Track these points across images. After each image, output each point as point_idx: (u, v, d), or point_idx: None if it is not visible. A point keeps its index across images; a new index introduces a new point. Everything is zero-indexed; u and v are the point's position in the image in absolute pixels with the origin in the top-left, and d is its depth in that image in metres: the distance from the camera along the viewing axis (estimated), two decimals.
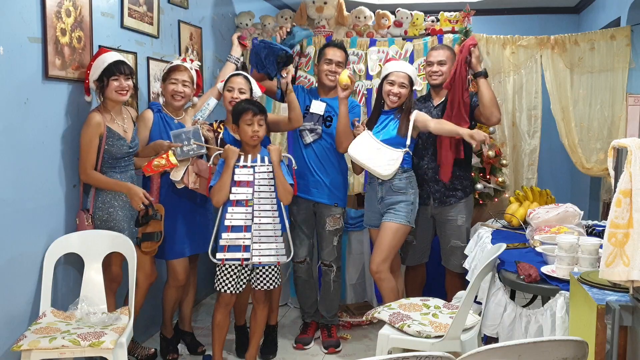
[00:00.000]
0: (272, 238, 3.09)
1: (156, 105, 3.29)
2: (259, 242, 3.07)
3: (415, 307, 2.84)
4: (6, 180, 2.54)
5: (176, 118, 3.30)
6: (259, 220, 3.07)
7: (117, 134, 2.92)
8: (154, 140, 3.18)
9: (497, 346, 1.51)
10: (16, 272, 2.62)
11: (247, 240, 3.06)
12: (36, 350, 2.41)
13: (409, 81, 3.36)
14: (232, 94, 3.27)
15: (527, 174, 4.46)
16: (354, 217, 4.10)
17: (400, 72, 3.35)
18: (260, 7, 5.23)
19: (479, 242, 3.19)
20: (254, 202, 3.06)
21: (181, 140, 3.11)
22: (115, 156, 2.92)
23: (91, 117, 2.87)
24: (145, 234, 3.04)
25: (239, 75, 3.33)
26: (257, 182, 3.08)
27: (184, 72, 3.24)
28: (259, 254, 3.07)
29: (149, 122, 3.22)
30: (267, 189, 3.09)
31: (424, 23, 4.38)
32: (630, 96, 4.05)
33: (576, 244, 2.31)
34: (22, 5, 2.59)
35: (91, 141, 2.85)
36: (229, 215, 3.05)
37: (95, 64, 2.88)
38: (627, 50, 4.23)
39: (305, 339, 3.68)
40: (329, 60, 3.52)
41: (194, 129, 3.14)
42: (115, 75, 2.87)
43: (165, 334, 3.48)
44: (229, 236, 3.05)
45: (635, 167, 1.62)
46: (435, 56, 3.52)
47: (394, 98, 3.34)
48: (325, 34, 4.41)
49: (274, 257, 3.09)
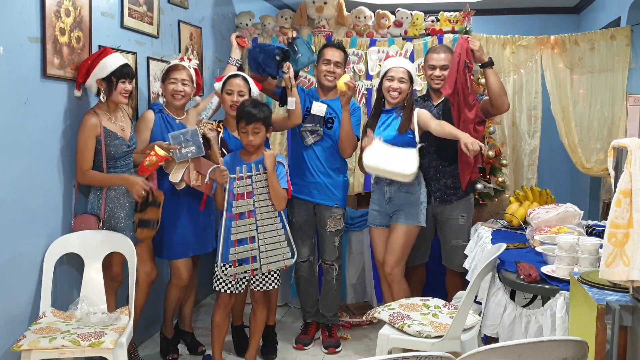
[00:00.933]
0: (277, 244, 3.10)
1: (158, 106, 3.29)
2: (266, 251, 3.08)
3: (415, 307, 2.84)
4: (6, 180, 2.54)
5: (178, 118, 3.30)
6: (263, 230, 3.08)
7: (114, 133, 2.91)
8: (155, 140, 3.17)
9: (497, 346, 1.51)
10: (16, 272, 2.62)
11: (254, 251, 3.06)
12: (36, 350, 2.41)
13: (408, 76, 3.32)
14: (231, 97, 3.27)
15: (527, 174, 4.46)
16: (354, 217, 4.10)
17: (399, 68, 3.32)
18: (260, 7, 5.23)
19: (479, 242, 3.19)
20: (255, 212, 3.07)
21: (179, 142, 3.10)
22: (114, 156, 2.92)
23: (86, 120, 2.86)
24: (142, 220, 3.02)
25: (237, 76, 3.32)
26: (256, 192, 3.08)
27: (182, 71, 3.24)
28: (267, 261, 3.08)
29: (150, 123, 3.22)
30: (266, 197, 3.09)
31: (424, 23, 4.38)
32: (630, 96, 4.05)
33: (576, 244, 2.31)
34: (22, 5, 2.59)
35: (87, 143, 2.84)
36: (233, 230, 3.04)
37: (103, 63, 2.86)
38: (627, 50, 4.23)
39: (305, 339, 3.68)
40: (327, 61, 3.51)
41: (192, 130, 3.13)
42: (124, 78, 2.89)
43: (166, 334, 3.48)
44: (237, 250, 3.04)
45: (635, 167, 1.62)
46: (438, 60, 3.49)
47: (394, 93, 3.31)
48: (325, 34, 4.41)
49: (281, 261, 3.11)
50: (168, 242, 3.25)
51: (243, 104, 3.12)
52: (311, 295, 3.76)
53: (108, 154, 2.89)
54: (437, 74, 3.49)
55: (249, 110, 3.03)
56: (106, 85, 2.88)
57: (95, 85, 2.89)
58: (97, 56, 2.90)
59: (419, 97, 3.78)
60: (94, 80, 2.87)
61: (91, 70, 2.86)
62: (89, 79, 2.87)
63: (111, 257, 2.94)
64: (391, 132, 3.32)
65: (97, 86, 2.89)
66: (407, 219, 3.30)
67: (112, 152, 2.90)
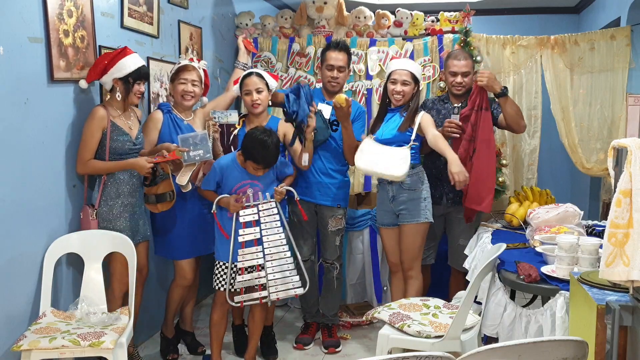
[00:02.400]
0: (287, 272, 3.09)
1: (166, 106, 3.28)
2: (274, 279, 3.07)
3: (415, 307, 2.84)
4: (6, 180, 2.54)
5: (186, 119, 3.29)
6: (271, 257, 3.07)
7: (121, 129, 2.92)
8: (163, 141, 3.17)
9: (497, 346, 1.51)
10: (16, 272, 2.62)
11: (262, 279, 3.06)
12: (36, 350, 2.41)
13: (412, 78, 3.32)
14: (251, 97, 3.26)
15: (527, 174, 4.45)
16: (354, 217, 4.10)
17: (403, 70, 3.32)
18: (260, 7, 5.23)
19: (479, 242, 3.20)
20: (262, 240, 3.07)
21: (188, 145, 3.09)
22: (118, 152, 2.92)
23: (95, 111, 2.88)
24: (158, 195, 3.05)
25: (251, 75, 3.29)
26: (262, 220, 3.08)
27: (192, 71, 3.24)
28: (276, 290, 3.07)
29: (158, 123, 3.21)
30: (273, 225, 3.09)
31: (424, 23, 4.38)
32: (630, 96, 4.05)
33: (576, 244, 2.31)
34: (22, 5, 2.59)
35: (93, 134, 2.85)
36: (240, 257, 3.05)
37: (122, 63, 2.88)
38: (627, 50, 4.23)
39: (305, 339, 3.68)
40: (330, 67, 3.49)
41: (202, 134, 3.12)
42: (140, 79, 2.95)
43: (166, 334, 3.48)
44: (244, 278, 3.05)
45: (635, 167, 1.62)
46: (459, 67, 3.52)
47: (397, 97, 3.32)
48: (325, 34, 4.41)
49: (291, 290, 3.10)
50: (174, 242, 3.25)
51: (255, 142, 2.99)
52: (312, 295, 3.76)
53: (113, 148, 2.89)
54: (458, 81, 3.54)
55: (259, 155, 2.99)
56: (123, 85, 2.90)
57: (111, 83, 2.91)
58: (116, 54, 2.91)
59: (437, 98, 3.78)
60: (110, 78, 2.89)
61: (109, 68, 2.88)
62: (105, 76, 2.89)
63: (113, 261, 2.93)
64: (392, 129, 3.33)
65: (112, 84, 2.91)
66: (413, 217, 3.30)
67: (117, 148, 2.91)
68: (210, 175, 3.13)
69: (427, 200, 3.34)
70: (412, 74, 3.33)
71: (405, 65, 3.37)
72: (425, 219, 3.31)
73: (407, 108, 3.35)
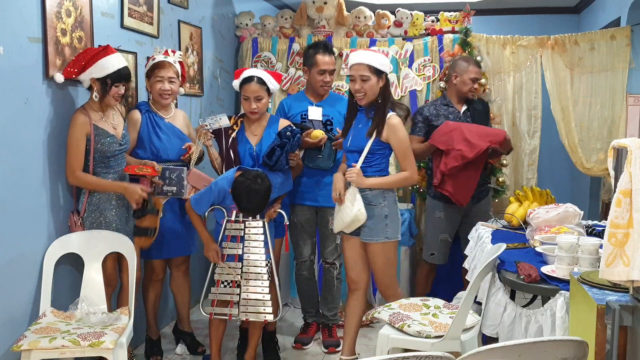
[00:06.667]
0: (260, 295, 3.03)
1: (144, 106, 3.23)
2: (247, 299, 3.03)
3: (415, 307, 2.84)
4: (6, 180, 2.54)
5: (166, 117, 3.25)
6: (247, 277, 3.03)
7: (105, 131, 2.85)
8: (143, 141, 3.15)
9: (497, 346, 1.51)
10: (16, 272, 2.62)
11: (235, 296, 3.04)
12: (36, 350, 2.41)
13: (372, 72, 2.84)
14: (249, 104, 3.19)
15: (527, 174, 4.46)
16: None
17: (359, 64, 2.85)
18: (260, 7, 5.23)
19: (479, 242, 3.19)
20: (243, 257, 3.04)
21: (164, 178, 3.09)
22: (105, 154, 2.86)
23: (75, 118, 2.79)
24: (140, 229, 3.00)
25: (251, 80, 3.16)
26: (247, 238, 3.05)
27: (169, 68, 3.16)
28: (246, 310, 3.03)
29: (137, 124, 3.17)
30: (257, 244, 3.05)
31: (424, 23, 4.38)
32: (630, 96, 4.05)
33: (576, 244, 2.31)
34: (22, 5, 2.59)
35: (78, 142, 2.77)
36: (218, 269, 3.03)
37: (101, 63, 2.76)
38: (627, 50, 4.23)
39: (304, 339, 3.68)
40: (322, 71, 3.45)
41: (179, 170, 3.11)
42: (119, 82, 2.82)
43: (150, 335, 3.45)
44: (218, 291, 3.03)
45: (635, 167, 1.62)
46: (477, 73, 3.71)
47: (359, 95, 2.89)
48: (325, 34, 4.42)
49: (261, 314, 3.04)
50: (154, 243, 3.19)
51: (242, 193, 2.91)
52: (312, 295, 3.76)
53: (100, 152, 2.83)
54: (475, 87, 3.71)
55: (250, 200, 2.93)
56: (100, 86, 2.80)
57: (89, 82, 2.81)
58: (96, 53, 2.80)
59: (439, 102, 3.78)
60: (88, 77, 2.78)
61: (88, 66, 2.76)
62: (84, 74, 2.78)
63: (105, 261, 2.91)
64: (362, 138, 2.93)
65: (90, 83, 2.81)
66: (372, 235, 2.93)
67: (104, 151, 2.84)
68: (204, 194, 3.03)
69: (389, 219, 2.92)
70: (371, 67, 2.84)
71: (360, 58, 2.87)
72: (385, 238, 2.93)
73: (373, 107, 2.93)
